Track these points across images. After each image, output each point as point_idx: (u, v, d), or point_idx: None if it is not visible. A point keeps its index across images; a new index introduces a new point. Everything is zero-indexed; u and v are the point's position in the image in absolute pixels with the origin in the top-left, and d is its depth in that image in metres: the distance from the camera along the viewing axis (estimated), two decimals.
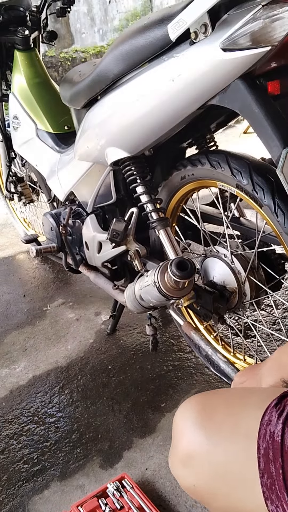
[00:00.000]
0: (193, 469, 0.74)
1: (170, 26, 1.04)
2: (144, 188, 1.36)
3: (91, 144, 1.43)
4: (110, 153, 1.36)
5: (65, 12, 1.95)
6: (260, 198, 1.12)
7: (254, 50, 0.91)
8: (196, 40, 1.01)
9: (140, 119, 1.20)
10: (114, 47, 1.27)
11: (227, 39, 0.94)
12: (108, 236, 1.36)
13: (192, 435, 0.74)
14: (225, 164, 1.20)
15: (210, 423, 0.73)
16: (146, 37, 1.13)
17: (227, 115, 1.41)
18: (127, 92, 1.23)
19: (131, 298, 1.39)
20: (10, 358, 1.85)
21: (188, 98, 1.09)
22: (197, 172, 1.32)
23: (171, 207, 1.50)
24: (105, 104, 1.33)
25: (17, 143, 2.06)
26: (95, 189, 1.58)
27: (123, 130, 1.28)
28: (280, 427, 0.64)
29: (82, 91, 1.45)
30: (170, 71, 1.08)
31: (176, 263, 1.17)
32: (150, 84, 1.15)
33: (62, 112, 1.95)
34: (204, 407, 0.75)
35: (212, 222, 1.53)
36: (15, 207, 2.74)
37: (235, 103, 1.03)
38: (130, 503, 1.21)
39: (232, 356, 1.56)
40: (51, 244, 1.83)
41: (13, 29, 1.95)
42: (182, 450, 0.75)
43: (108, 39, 6.85)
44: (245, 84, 0.99)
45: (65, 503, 1.28)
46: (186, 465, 0.75)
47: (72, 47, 6.51)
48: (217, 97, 1.06)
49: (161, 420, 1.49)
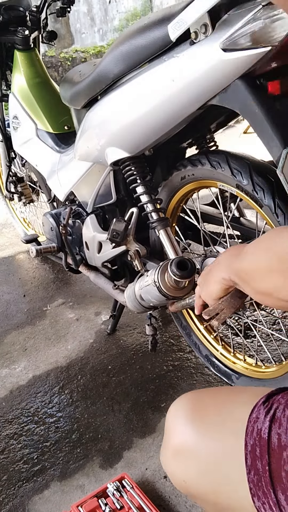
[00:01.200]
0: (183, 465, 0.75)
1: (170, 26, 1.05)
2: (144, 188, 1.36)
3: (91, 144, 1.43)
4: (110, 153, 1.36)
5: (65, 12, 1.95)
6: (261, 199, 1.13)
7: (254, 50, 0.91)
8: (196, 40, 1.01)
9: (141, 119, 1.21)
10: (114, 47, 1.27)
11: (228, 39, 0.94)
12: (108, 236, 1.36)
13: (182, 431, 0.75)
14: (225, 164, 1.20)
15: (200, 419, 0.74)
16: (146, 37, 1.13)
17: (227, 115, 1.41)
18: (127, 92, 1.23)
19: (131, 298, 1.39)
20: (10, 358, 1.85)
21: (188, 98, 1.09)
22: (197, 172, 1.32)
23: (171, 207, 1.50)
24: (105, 104, 1.33)
25: (17, 143, 2.06)
26: (95, 189, 1.58)
27: (123, 130, 1.28)
28: (267, 425, 0.65)
29: (82, 91, 1.45)
30: (170, 71, 1.08)
31: (176, 263, 1.17)
32: (150, 84, 1.15)
33: (62, 112, 1.95)
34: (195, 404, 0.77)
35: (212, 222, 1.53)
36: (15, 207, 2.74)
37: (235, 103, 1.03)
38: (130, 503, 1.21)
39: (232, 356, 1.56)
40: (51, 244, 1.82)
41: (13, 29, 1.95)
42: (172, 446, 0.76)
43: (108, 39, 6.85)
44: (245, 84, 0.99)
45: (65, 503, 1.28)
46: (176, 461, 0.76)
47: (72, 47, 6.51)
48: (217, 97, 1.06)
49: (161, 420, 1.49)
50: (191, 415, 0.75)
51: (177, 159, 1.51)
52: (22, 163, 2.34)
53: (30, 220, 2.70)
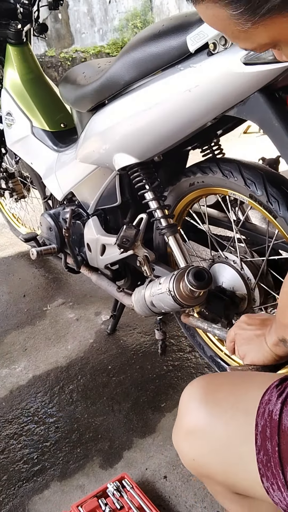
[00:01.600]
0: (194, 444, 0.77)
1: (190, 37, 1.03)
2: (153, 195, 1.35)
3: (97, 148, 1.41)
4: (119, 159, 1.34)
5: (57, 4, 1.90)
6: (275, 210, 1.12)
7: (277, 65, 0.90)
8: (215, 52, 0.99)
9: (153, 127, 1.19)
10: (125, 53, 1.24)
11: (250, 53, 0.92)
12: (117, 241, 1.34)
13: (196, 411, 0.77)
14: (238, 174, 1.19)
15: (213, 400, 0.76)
16: (162, 46, 1.11)
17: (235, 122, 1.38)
18: (139, 99, 1.21)
19: (141, 303, 1.38)
20: (10, 358, 1.85)
21: (205, 108, 1.07)
22: (207, 180, 1.31)
23: (177, 211, 1.48)
24: (115, 109, 1.31)
25: (10, 140, 2.01)
26: (98, 191, 1.56)
27: (134, 137, 1.26)
28: (278, 407, 0.67)
29: (89, 95, 1.42)
30: (186, 81, 1.06)
31: (193, 273, 1.16)
32: (164, 93, 1.13)
33: (58, 109, 1.91)
34: (209, 386, 0.79)
35: (218, 225, 1.52)
36: (4, 203, 2.69)
37: (254, 116, 1.02)
38: (130, 503, 1.21)
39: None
40: (52, 246, 1.81)
41: (5, 23, 1.89)
42: (185, 424, 0.78)
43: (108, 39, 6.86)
44: (265, 97, 0.98)
45: (65, 503, 1.28)
46: (188, 440, 0.78)
47: (72, 47, 6.52)
48: (235, 109, 1.05)
49: (161, 420, 1.49)
50: (205, 395, 0.77)
51: (180, 161, 1.49)
52: (15, 160, 2.29)
53: (20, 216, 2.67)
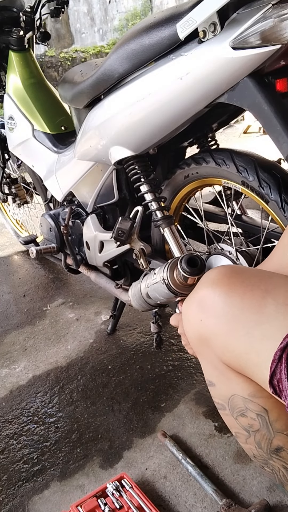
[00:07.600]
0: (205, 307, 0.77)
1: (179, 25, 1.05)
2: (149, 187, 1.36)
3: (94, 143, 1.43)
4: (115, 152, 1.35)
5: (59, 12, 1.96)
6: (267, 194, 1.13)
7: (264, 49, 0.92)
8: (205, 39, 1.01)
9: (147, 118, 1.20)
10: (119, 46, 1.26)
11: (237, 37, 0.94)
12: (113, 235, 1.35)
13: (215, 285, 0.76)
14: (230, 161, 1.21)
15: (237, 277, 0.76)
16: (153, 36, 1.13)
17: (229, 114, 1.41)
18: (133, 91, 1.23)
19: (137, 296, 1.38)
20: (10, 358, 1.84)
21: (196, 96, 1.09)
22: (201, 171, 1.32)
23: (174, 206, 1.50)
24: (110, 103, 1.33)
25: (12, 144, 2.05)
26: (96, 188, 1.57)
27: (129, 129, 1.27)
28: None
29: (85, 90, 1.44)
30: (178, 69, 1.08)
31: (186, 260, 1.16)
32: (157, 83, 1.15)
33: (59, 112, 1.95)
34: (238, 271, 0.78)
35: (214, 221, 1.53)
36: (7, 209, 2.72)
37: (244, 100, 1.03)
38: (130, 502, 1.20)
39: None
40: (51, 245, 1.82)
41: (7, 30, 1.95)
42: (201, 293, 0.78)
43: (108, 39, 6.86)
44: (254, 82, 1.00)
45: (65, 503, 1.27)
46: (200, 304, 0.78)
47: (72, 47, 6.52)
48: (226, 95, 1.07)
49: (161, 420, 1.49)
50: (230, 273, 0.77)
51: (178, 158, 1.50)
52: (17, 164, 2.32)
53: (23, 222, 2.69)
